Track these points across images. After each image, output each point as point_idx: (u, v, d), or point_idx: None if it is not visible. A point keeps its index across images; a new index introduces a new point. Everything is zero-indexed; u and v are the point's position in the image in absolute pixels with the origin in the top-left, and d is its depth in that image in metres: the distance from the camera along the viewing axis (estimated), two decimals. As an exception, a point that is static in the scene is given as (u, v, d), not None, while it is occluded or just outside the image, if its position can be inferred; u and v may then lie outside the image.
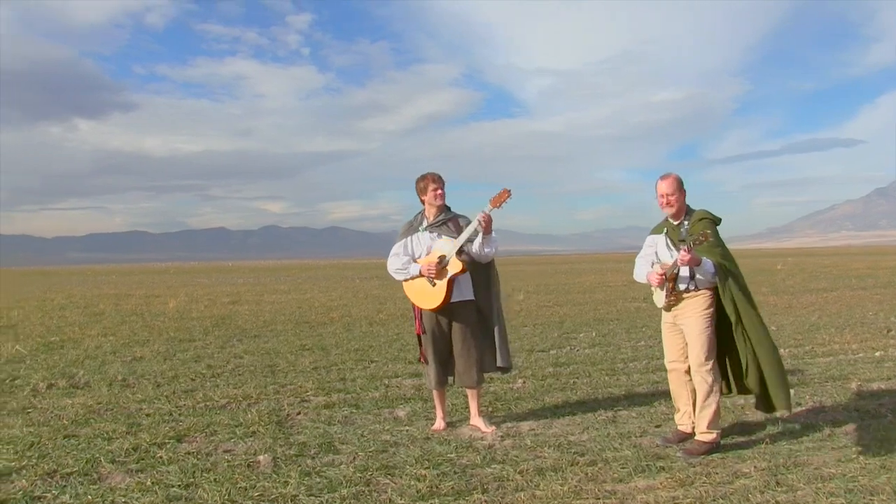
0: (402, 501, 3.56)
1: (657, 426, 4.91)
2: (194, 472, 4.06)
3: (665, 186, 4.40)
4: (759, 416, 5.00)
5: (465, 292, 4.93)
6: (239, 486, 3.81)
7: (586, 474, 3.91)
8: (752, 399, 4.69)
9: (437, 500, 3.56)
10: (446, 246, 4.84)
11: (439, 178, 4.94)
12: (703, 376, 4.31)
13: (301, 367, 7.72)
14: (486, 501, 3.55)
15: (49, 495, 3.72)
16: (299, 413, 5.56)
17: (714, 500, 3.48)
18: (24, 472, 4.10)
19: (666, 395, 5.31)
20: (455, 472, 3.98)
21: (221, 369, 7.61)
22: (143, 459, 4.31)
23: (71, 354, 8.83)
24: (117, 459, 4.31)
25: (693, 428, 4.46)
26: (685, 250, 4.13)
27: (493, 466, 4.08)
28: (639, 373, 6.97)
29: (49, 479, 3.95)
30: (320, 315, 13.60)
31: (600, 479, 3.85)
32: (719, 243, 4.33)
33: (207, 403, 5.88)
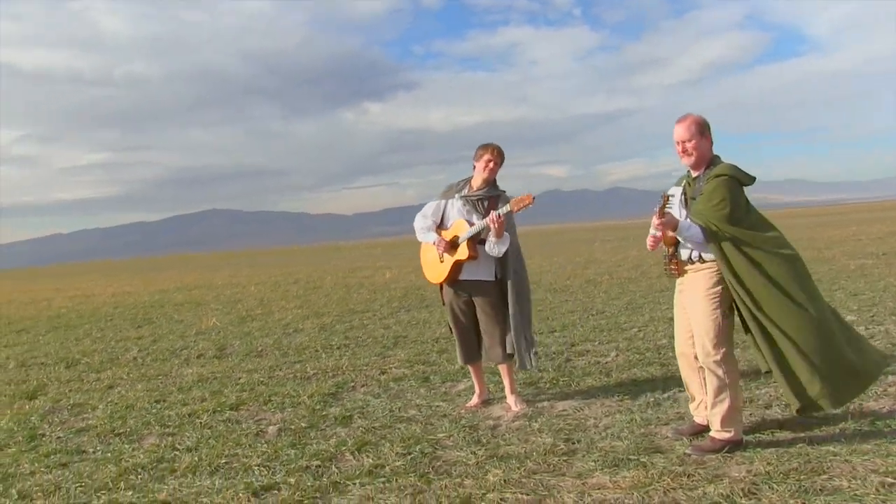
0: (337, 479, 3.70)
1: (698, 413, 4.34)
2: (209, 437, 4.63)
3: (680, 131, 3.73)
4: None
5: (482, 273, 4.84)
6: (223, 451, 4.27)
7: (546, 465, 3.68)
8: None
9: (366, 480, 3.65)
10: (463, 228, 4.80)
11: (499, 152, 4.85)
12: (712, 368, 3.68)
13: (425, 338, 8.07)
14: (411, 485, 3.55)
15: (90, 449, 4.57)
16: (363, 385, 5.92)
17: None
18: (96, 429, 5.04)
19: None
20: (421, 454, 4.00)
21: (354, 341, 8.27)
22: (184, 424, 5.01)
23: (251, 327, 10.24)
24: (167, 423, 5.07)
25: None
26: (657, 213, 3.56)
27: (463, 450, 4.02)
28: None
29: (101, 437, 4.82)
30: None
31: (558, 471, 3.60)
32: (727, 206, 3.57)
33: (297, 375, 6.52)
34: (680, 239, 3.69)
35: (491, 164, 4.80)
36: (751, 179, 3.68)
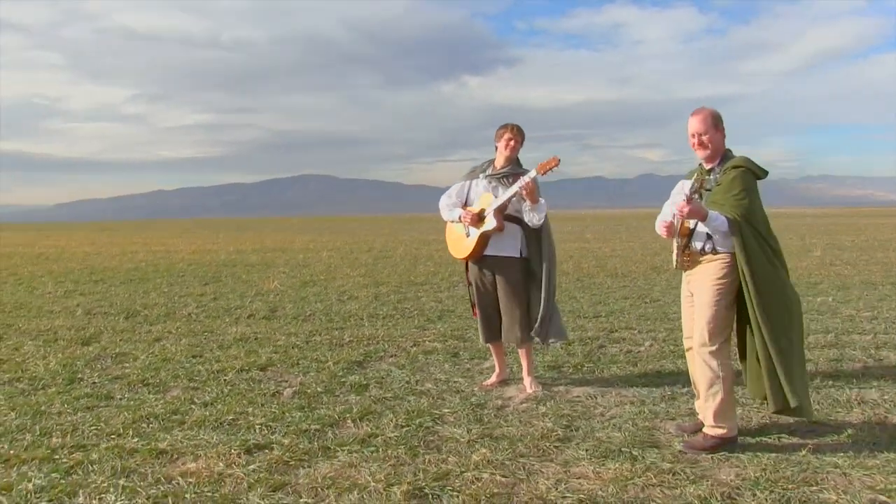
0: (328, 444, 3.81)
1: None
2: (229, 394, 4.84)
3: (696, 124, 3.70)
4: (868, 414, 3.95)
5: (509, 249, 4.84)
6: (234, 408, 4.46)
7: (536, 449, 3.66)
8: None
9: (355, 447, 3.74)
10: (490, 201, 4.80)
11: (518, 131, 4.89)
12: (706, 359, 3.63)
13: (470, 314, 8.08)
14: (396, 457, 3.61)
15: (118, 396, 4.86)
16: (392, 356, 6.02)
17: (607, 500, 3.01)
18: (129, 377, 5.34)
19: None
20: (418, 428, 4.05)
21: (401, 312, 8.40)
22: (210, 380, 5.24)
23: (308, 292, 10.54)
24: (194, 378, 5.32)
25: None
26: (686, 199, 3.47)
27: (461, 428, 4.05)
28: (818, 348, 5.79)
29: (131, 386, 5.11)
30: (574, 267, 13.68)
31: (546, 456, 3.58)
32: (746, 197, 3.53)
33: (332, 341, 6.69)
34: (707, 229, 3.59)
35: (512, 143, 4.82)
36: (764, 173, 3.65)
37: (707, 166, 3.75)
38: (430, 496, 3.13)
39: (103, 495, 3.18)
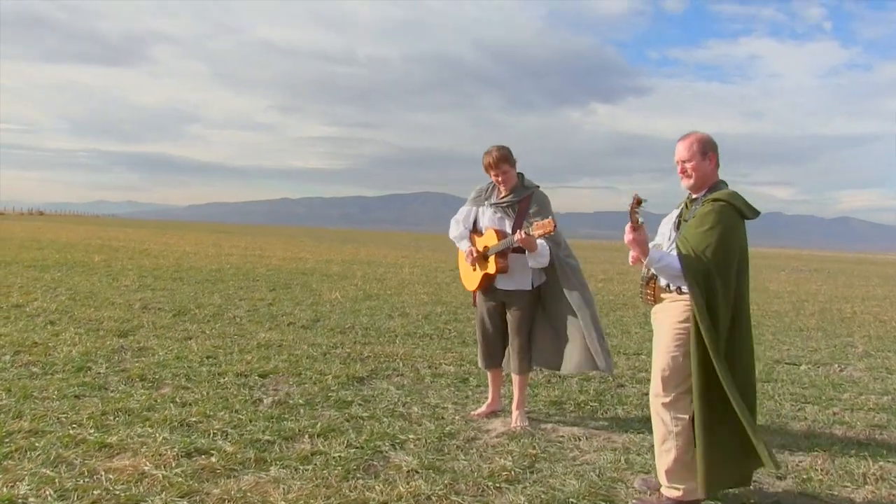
0: (268, 457, 3.72)
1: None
2: (213, 398, 4.86)
3: (680, 150, 3.37)
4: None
5: (517, 283, 4.67)
6: (205, 411, 4.47)
7: (476, 488, 3.43)
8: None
9: (293, 463, 3.64)
10: (492, 239, 4.65)
11: (497, 160, 4.58)
12: (658, 411, 3.29)
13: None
14: (323, 479, 3.47)
15: (111, 388, 4.99)
16: (399, 375, 5.90)
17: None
18: (129, 372, 5.47)
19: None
20: (369, 451, 3.92)
21: (440, 332, 8.25)
22: (204, 381, 5.30)
23: (365, 305, 10.58)
24: (192, 378, 5.40)
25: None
26: (630, 225, 3.15)
27: (413, 455, 3.87)
28: (864, 410, 5.13)
29: (130, 380, 5.24)
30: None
31: (482, 497, 3.35)
32: (714, 234, 3.13)
33: (350, 355, 6.63)
34: (652, 270, 3.27)
35: (501, 178, 4.63)
36: (753, 213, 3.26)
37: (693, 196, 3.42)
38: (329, 523, 2.97)
39: (18, 482, 3.23)
